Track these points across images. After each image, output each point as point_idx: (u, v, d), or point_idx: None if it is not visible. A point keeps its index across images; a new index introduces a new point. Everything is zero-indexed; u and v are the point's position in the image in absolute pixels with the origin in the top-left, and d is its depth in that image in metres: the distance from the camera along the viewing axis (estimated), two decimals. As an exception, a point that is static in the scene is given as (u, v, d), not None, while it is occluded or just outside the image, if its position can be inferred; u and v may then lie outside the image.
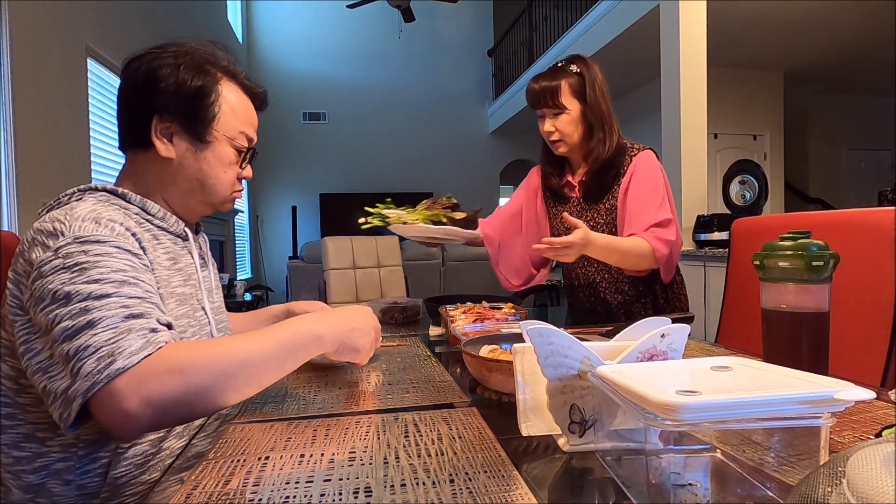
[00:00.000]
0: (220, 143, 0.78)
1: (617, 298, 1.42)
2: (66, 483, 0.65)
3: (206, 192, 0.79)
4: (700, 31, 3.18)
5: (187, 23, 4.84)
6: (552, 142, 1.37)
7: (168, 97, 0.73)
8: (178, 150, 0.76)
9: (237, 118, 0.79)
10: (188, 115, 0.75)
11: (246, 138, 0.81)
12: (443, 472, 0.47)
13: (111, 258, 0.61)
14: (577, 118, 1.33)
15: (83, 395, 0.53)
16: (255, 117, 0.84)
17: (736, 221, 1.37)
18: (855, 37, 4.59)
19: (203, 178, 0.78)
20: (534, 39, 6.63)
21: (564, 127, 1.33)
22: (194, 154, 0.76)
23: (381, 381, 0.80)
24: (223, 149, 0.78)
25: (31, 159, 2.31)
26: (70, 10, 2.72)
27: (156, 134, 0.74)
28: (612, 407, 0.49)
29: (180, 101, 0.74)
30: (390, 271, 3.02)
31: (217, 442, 0.57)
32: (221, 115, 0.77)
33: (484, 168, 8.55)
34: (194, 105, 0.75)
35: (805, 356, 0.70)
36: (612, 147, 1.33)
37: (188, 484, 0.47)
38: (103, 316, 0.56)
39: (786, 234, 0.72)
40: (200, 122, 0.75)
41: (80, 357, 0.54)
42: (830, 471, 0.29)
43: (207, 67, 0.76)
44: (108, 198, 0.72)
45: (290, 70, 7.88)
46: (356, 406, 0.68)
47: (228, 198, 0.83)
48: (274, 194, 7.85)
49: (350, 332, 0.70)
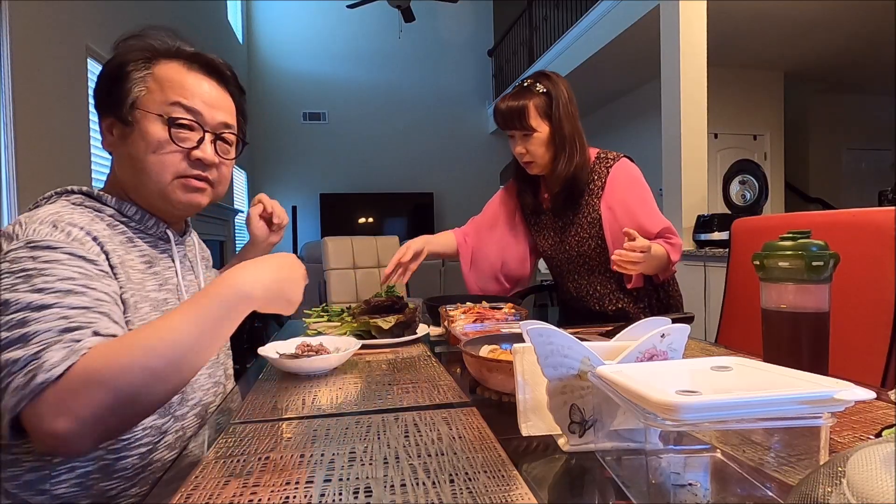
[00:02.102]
0: (146, 120, 0.71)
1: (615, 307, 1.43)
2: (42, 493, 0.61)
3: (143, 179, 0.72)
4: (700, 31, 3.18)
5: (187, 23, 4.84)
6: (525, 163, 1.37)
7: (97, 93, 0.74)
8: (114, 140, 0.74)
9: (165, 91, 0.72)
10: (109, 102, 0.72)
11: (183, 108, 0.72)
12: (443, 472, 0.47)
13: (60, 265, 0.59)
14: (546, 139, 1.32)
15: (10, 411, 0.51)
16: (210, 90, 0.76)
17: (736, 221, 1.37)
18: (855, 37, 4.59)
19: (134, 163, 0.72)
20: (534, 39, 6.62)
21: (535, 149, 1.32)
22: (124, 141, 0.72)
23: (380, 382, 0.80)
24: (149, 126, 0.71)
25: (32, 159, 2.31)
26: (70, 10, 2.72)
27: (102, 130, 0.75)
28: (612, 407, 0.49)
29: (102, 90, 0.73)
30: (390, 271, 3.01)
31: (217, 442, 0.57)
32: (143, 91, 0.72)
33: (484, 168, 8.55)
34: (109, 88, 0.72)
35: (805, 356, 0.70)
36: (578, 165, 1.33)
37: (188, 484, 0.47)
38: (37, 330, 0.53)
39: (786, 234, 0.72)
40: (116, 103, 0.71)
41: (10, 371, 0.51)
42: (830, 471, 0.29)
43: (133, 52, 0.74)
44: (81, 200, 0.71)
45: (290, 70, 7.88)
46: (356, 406, 0.68)
47: (171, 183, 0.73)
48: (274, 194, 7.73)
49: (280, 282, 0.65)
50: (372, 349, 1.03)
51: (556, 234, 1.46)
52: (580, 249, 1.41)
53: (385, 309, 1.13)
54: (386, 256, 3.02)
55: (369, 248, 3.00)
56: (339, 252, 2.91)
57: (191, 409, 0.76)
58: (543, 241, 1.49)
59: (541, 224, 1.49)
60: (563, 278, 1.50)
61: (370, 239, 3.03)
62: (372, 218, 7.99)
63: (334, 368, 0.87)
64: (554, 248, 1.47)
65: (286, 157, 7.82)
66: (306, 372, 0.84)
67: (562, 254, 1.46)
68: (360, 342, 0.95)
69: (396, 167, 8.20)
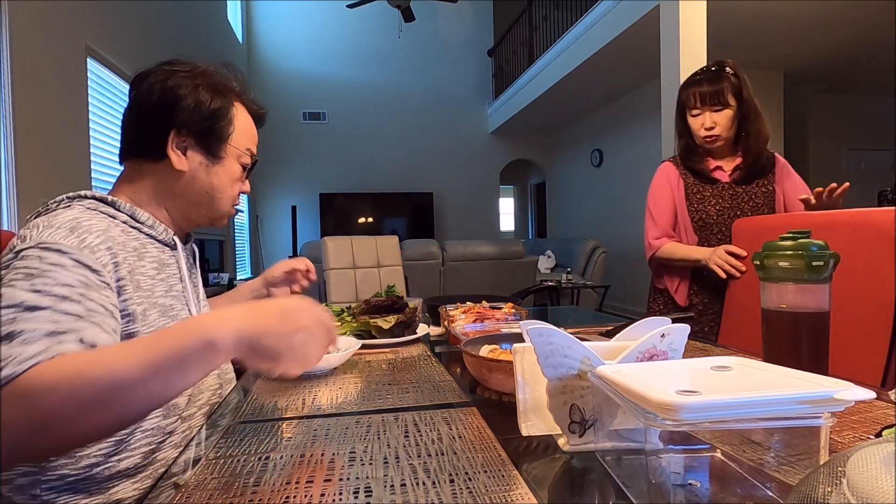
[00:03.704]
0: (230, 159, 0.83)
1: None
2: (34, 498, 0.60)
3: (212, 205, 0.83)
4: (700, 31, 3.18)
5: (187, 23, 4.84)
6: (711, 136, 1.47)
7: (187, 114, 0.77)
8: (192, 164, 0.79)
9: (244, 136, 0.84)
10: (205, 133, 0.79)
11: (250, 155, 0.86)
12: (443, 472, 0.47)
13: (63, 270, 0.59)
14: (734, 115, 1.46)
15: None
16: (257, 135, 0.89)
17: (736, 221, 1.38)
18: (855, 37, 4.59)
19: (212, 191, 0.82)
20: (534, 39, 6.62)
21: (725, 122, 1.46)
22: (206, 168, 0.81)
23: (380, 382, 0.80)
24: (232, 165, 0.83)
25: (31, 159, 2.31)
26: (70, 10, 2.72)
27: (172, 147, 0.77)
28: (612, 407, 0.49)
29: (199, 118, 0.78)
30: (390, 271, 3.02)
31: (217, 442, 0.57)
32: (235, 133, 0.82)
33: (484, 168, 8.56)
34: (211, 124, 0.79)
35: (805, 356, 0.70)
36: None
37: (188, 484, 0.47)
38: (24, 329, 0.51)
39: (786, 234, 0.72)
40: (216, 140, 0.80)
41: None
42: (830, 471, 0.29)
43: (223, 89, 0.81)
44: (96, 205, 0.73)
45: (290, 70, 7.88)
46: (356, 406, 0.68)
47: (229, 212, 0.87)
48: (274, 194, 7.85)
49: (268, 335, 0.53)
50: (372, 349, 1.03)
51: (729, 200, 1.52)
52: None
53: (385, 309, 1.13)
54: (386, 256, 3.02)
55: (369, 248, 2.99)
56: (339, 252, 2.91)
57: (198, 410, 0.77)
58: (702, 206, 1.53)
59: (708, 190, 1.54)
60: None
61: (370, 239, 3.03)
62: (371, 218, 7.98)
63: (334, 368, 0.87)
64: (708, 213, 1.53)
65: (286, 156, 7.82)
66: (306, 372, 0.84)
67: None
68: (360, 342, 0.95)
69: (396, 167, 8.20)
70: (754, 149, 1.46)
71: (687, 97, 1.50)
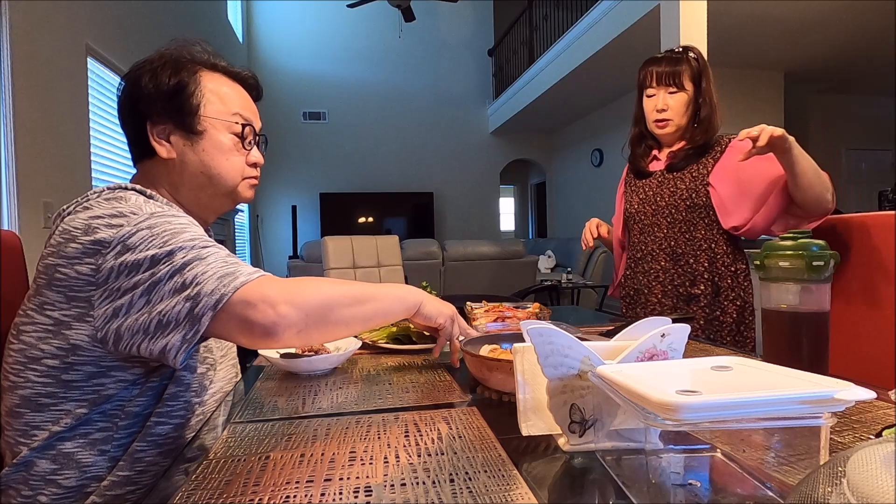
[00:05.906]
0: (214, 129, 0.79)
1: (698, 290, 1.35)
2: (102, 454, 0.66)
3: (214, 183, 0.80)
4: (700, 31, 3.18)
5: (187, 23, 4.84)
6: (661, 120, 1.39)
7: (151, 100, 0.75)
8: (177, 148, 0.77)
9: (226, 103, 0.80)
10: (175, 112, 0.76)
11: (242, 120, 0.81)
12: (443, 472, 0.47)
13: (194, 226, 0.68)
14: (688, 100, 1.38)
15: (213, 308, 0.58)
16: (249, 101, 0.85)
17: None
18: (855, 37, 4.59)
19: (206, 169, 0.79)
20: (534, 39, 6.62)
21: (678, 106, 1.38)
22: (192, 147, 0.78)
23: (380, 382, 0.80)
24: (217, 135, 0.79)
25: (32, 158, 2.31)
26: (70, 10, 2.72)
27: (153, 138, 0.76)
28: (613, 407, 0.49)
29: (162, 100, 0.75)
30: (390, 270, 3.02)
31: (217, 441, 0.57)
32: (207, 103, 0.78)
33: (484, 168, 8.56)
34: (176, 100, 0.76)
35: (805, 356, 0.70)
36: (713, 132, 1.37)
37: (188, 483, 0.47)
38: (210, 253, 0.63)
39: (786, 234, 0.72)
40: (187, 115, 0.77)
41: (198, 282, 0.59)
42: (830, 471, 0.29)
43: (183, 63, 0.78)
44: (136, 197, 0.74)
45: (290, 70, 7.88)
46: (356, 406, 0.68)
47: (241, 185, 0.83)
48: (274, 194, 7.85)
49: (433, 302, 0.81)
50: (371, 349, 1.03)
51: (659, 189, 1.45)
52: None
53: None
54: (386, 256, 3.02)
55: (369, 248, 3.00)
56: (339, 251, 2.91)
57: (211, 396, 0.80)
58: (634, 197, 1.49)
59: (641, 185, 1.49)
60: (637, 270, 1.48)
61: (370, 238, 3.03)
62: (372, 217, 7.98)
63: (334, 368, 0.87)
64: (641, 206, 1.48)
65: (286, 156, 7.82)
66: (306, 372, 0.84)
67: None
68: (359, 342, 0.95)
69: (396, 167, 8.20)
70: (699, 139, 1.37)
71: (644, 76, 1.42)
